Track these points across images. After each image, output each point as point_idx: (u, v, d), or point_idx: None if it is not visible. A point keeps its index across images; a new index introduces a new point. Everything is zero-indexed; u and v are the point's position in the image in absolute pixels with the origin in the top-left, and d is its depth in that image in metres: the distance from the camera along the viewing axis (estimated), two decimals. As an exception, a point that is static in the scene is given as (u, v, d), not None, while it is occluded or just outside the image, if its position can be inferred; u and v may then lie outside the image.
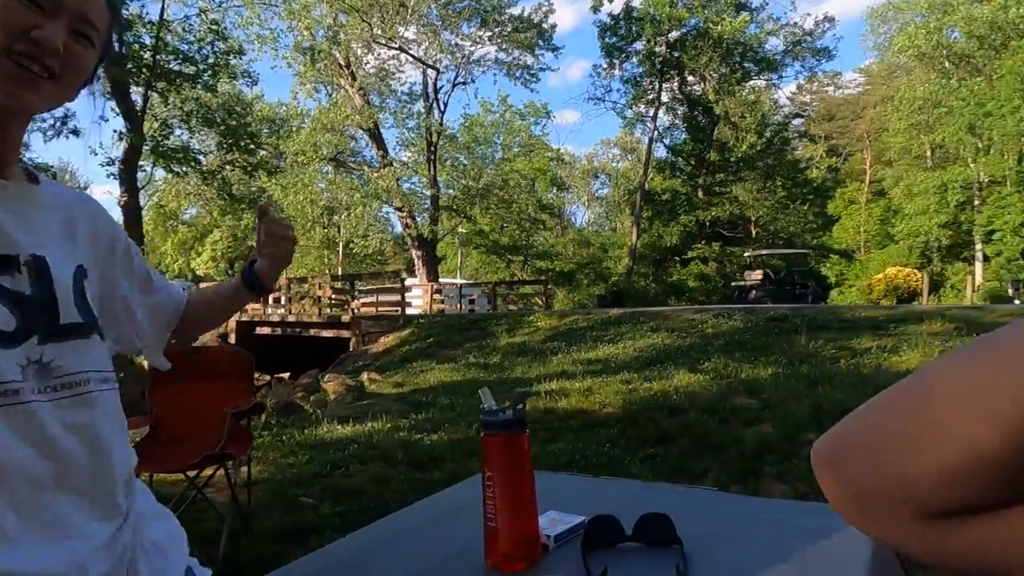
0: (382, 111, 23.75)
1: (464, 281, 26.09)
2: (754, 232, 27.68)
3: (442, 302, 20.16)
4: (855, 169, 39.62)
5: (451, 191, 24.83)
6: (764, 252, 21.20)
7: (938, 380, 0.38)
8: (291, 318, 16.23)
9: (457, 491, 1.39)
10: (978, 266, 31.20)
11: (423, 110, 24.16)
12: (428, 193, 23.58)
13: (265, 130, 22.86)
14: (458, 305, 19.83)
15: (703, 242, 25.77)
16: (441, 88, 24.80)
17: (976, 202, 31.33)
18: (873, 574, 0.89)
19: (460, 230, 26.99)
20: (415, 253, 23.32)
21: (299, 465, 4.68)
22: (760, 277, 18.81)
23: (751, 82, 26.46)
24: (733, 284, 20.38)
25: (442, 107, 24.67)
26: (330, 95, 23.42)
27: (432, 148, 23.52)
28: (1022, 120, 28.73)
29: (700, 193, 26.17)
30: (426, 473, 4.34)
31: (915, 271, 17.86)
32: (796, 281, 18.91)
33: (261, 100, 24.44)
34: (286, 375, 13.03)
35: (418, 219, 23.11)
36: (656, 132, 27.05)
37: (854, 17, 59.41)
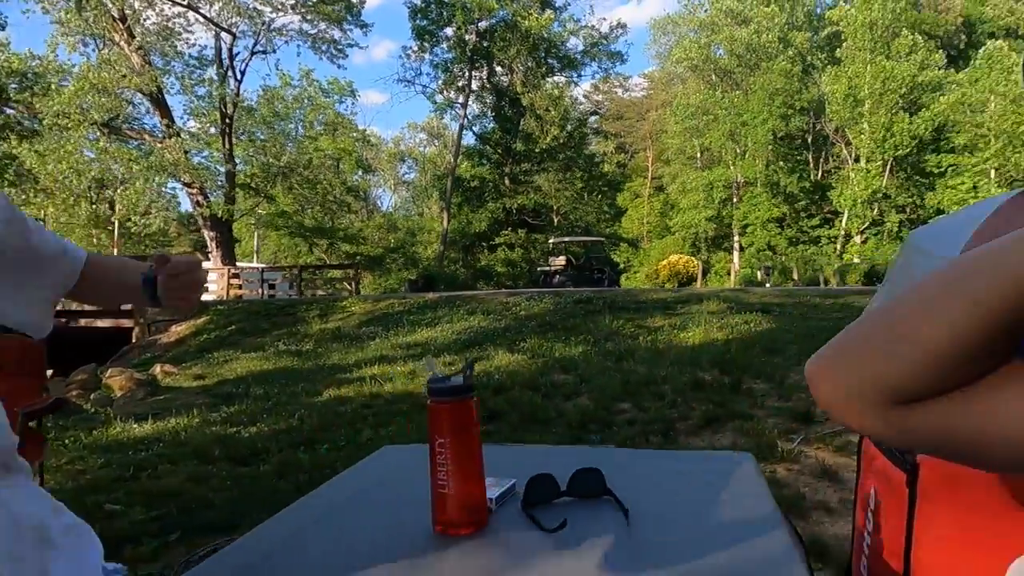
0: (166, 75, 21.27)
1: (263, 265, 24.45)
2: (556, 220, 29.42)
3: (240, 287, 18.77)
4: (640, 166, 43.71)
5: (249, 168, 23.06)
6: (566, 239, 22.65)
7: (906, 295, 0.50)
8: (57, 306, 14.00)
9: (370, 465, 1.34)
10: (735, 255, 36.22)
11: (216, 77, 22.07)
12: (223, 169, 21.65)
13: (13, 85, 19.32)
14: (259, 291, 18.60)
15: (510, 229, 26.82)
16: (238, 55, 22.84)
17: (734, 199, 36.26)
18: (772, 504, 1.03)
19: (259, 211, 25.18)
20: (208, 234, 21.32)
21: (93, 470, 4.10)
22: (563, 263, 20.10)
23: (554, 77, 28.01)
24: (539, 269, 21.51)
25: (238, 76, 22.75)
26: (100, 51, 20.41)
27: (227, 120, 21.60)
28: (770, 131, 33.81)
29: (507, 181, 27.16)
30: (251, 467, 4.04)
31: (692, 258, 20.34)
32: (594, 267, 20.51)
33: (6, 49, 20.58)
34: (49, 372, 11.25)
35: (211, 197, 21.14)
36: (466, 119, 27.54)
37: (641, 26, 65.31)
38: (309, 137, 24.31)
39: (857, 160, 32.57)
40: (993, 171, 28.21)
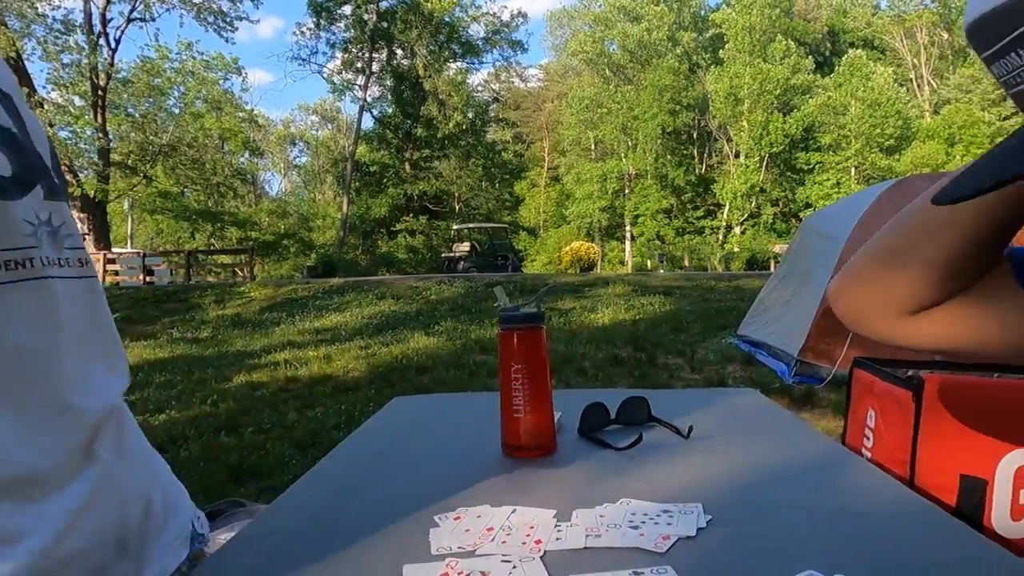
0: (25, 38, 19.19)
1: (137, 250, 22.72)
2: (457, 207, 29.34)
3: (116, 273, 17.39)
4: (537, 156, 44.38)
5: (125, 145, 21.30)
6: (469, 226, 22.68)
7: (905, 221, 0.64)
8: None
9: (386, 416, 1.32)
10: (628, 244, 37.70)
11: (85, 45, 20.16)
12: (95, 145, 19.87)
13: None
14: (139, 277, 17.30)
15: (411, 215, 26.45)
16: (111, 21, 20.97)
17: (626, 191, 37.67)
18: (786, 423, 1.13)
19: (136, 191, 23.35)
20: (78, 216, 19.51)
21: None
22: (467, 249, 20.13)
23: (456, 63, 27.82)
24: (443, 256, 21.42)
25: (112, 44, 20.90)
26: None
27: (99, 92, 19.83)
28: (659, 125, 35.38)
29: (408, 167, 26.74)
30: (169, 454, 3.80)
31: (593, 245, 21.03)
32: (498, 253, 20.70)
33: None
34: None
35: (82, 176, 19.36)
36: (366, 102, 26.79)
37: (538, 17, 66.04)
38: (192, 114, 22.77)
39: (737, 156, 34.79)
40: (853, 169, 31.03)
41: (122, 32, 21.21)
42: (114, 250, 20.58)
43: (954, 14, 35.37)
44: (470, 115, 28.12)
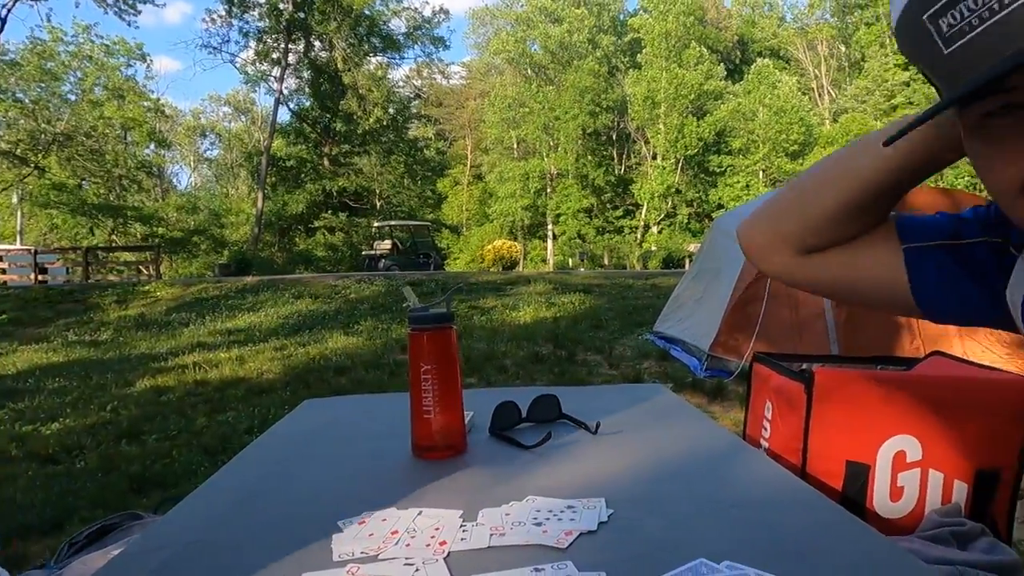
0: None
1: (28, 247, 21.11)
2: (378, 204, 28.80)
3: (3, 272, 16.13)
4: (459, 154, 44.24)
5: (13, 133, 19.72)
6: (391, 223, 22.31)
7: (810, 172, 0.75)
8: None
9: (297, 417, 1.28)
10: (550, 242, 38.19)
11: (-35, 23, 18.50)
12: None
13: None
14: (30, 276, 16.10)
15: (330, 212, 25.75)
16: (-5, -2, 19.31)
17: (548, 190, 38.14)
18: (686, 412, 1.18)
19: (26, 183, 21.66)
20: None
21: None
22: (389, 247, 19.81)
23: (376, 57, 27.27)
24: (364, 253, 20.98)
25: (-2, 23, 19.26)
26: None
27: (-17, 74, 18.28)
28: (579, 126, 36.01)
29: (326, 162, 26.00)
30: (64, 465, 3.55)
31: (516, 243, 21.14)
32: (420, 251, 20.49)
33: None
34: None
35: (-38, 165, 17.79)
36: (282, 94, 25.83)
37: (460, 14, 65.69)
38: (91, 102, 21.36)
39: (655, 158, 35.89)
40: (761, 172, 32.63)
41: (8, 10, 19.60)
42: (0, 247, 19.03)
43: (851, 29, 37.81)
44: (391, 111, 27.66)
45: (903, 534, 1.16)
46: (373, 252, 19.80)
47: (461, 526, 0.70)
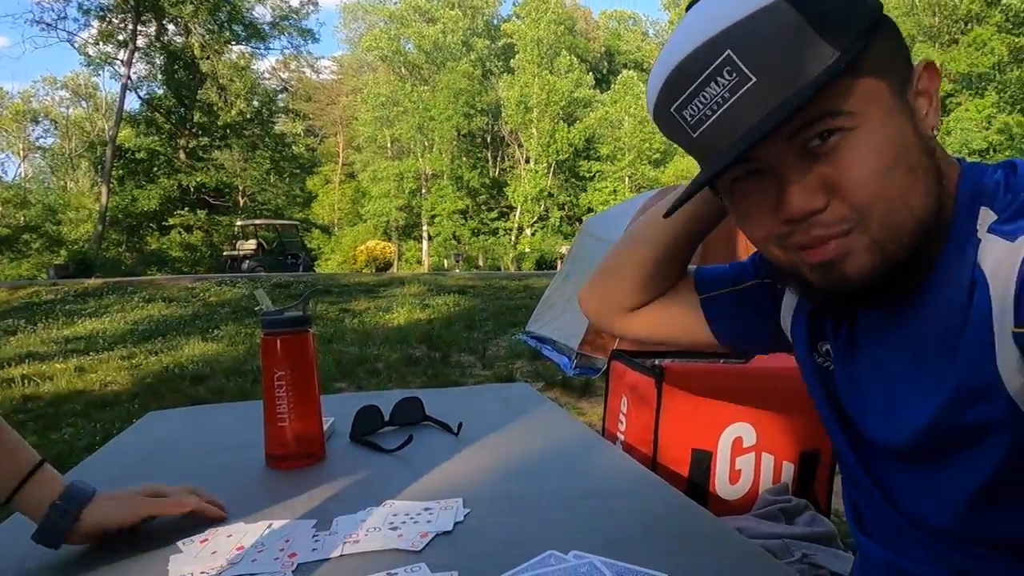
0: None
1: None
2: (242, 202, 27.17)
3: None
4: (331, 151, 42.88)
5: None
6: (256, 222, 21.10)
7: (619, 243, 0.87)
8: None
9: (142, 428, 1.19)
10: (425, 243, 37.95)
11: None
12: None
13: None
14: None
15: (187, 209, 23.91)
16: None
17: (423, 191, 37.90)
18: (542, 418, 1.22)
19: None
20: None
21: None
22: (254, 247, 18.75)
23: (239, 47, 25.69)
24: (225, 254, 19.71)
25: None
26: None
27: None
28: (454, 127, 36.09)
29: (182, 155, 24.12)
30: None
31: (389, 244, 20.74)
32: (288, 251, 19.57)
33: None
34: None
35: None
36: (130, 80, 23.62)
37: (331, 7, 63.54)
38: None
39: (528, 161, 36.73)
40: (627, 178, 34.36)
41: None
42: None
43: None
44: (256, 103, 26.20)
45: (740, 513, 1.27)
46: (236, 252, 18.67)
47: (314, 536, 0.68)
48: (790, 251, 0.56)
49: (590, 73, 38.33)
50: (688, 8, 0.56)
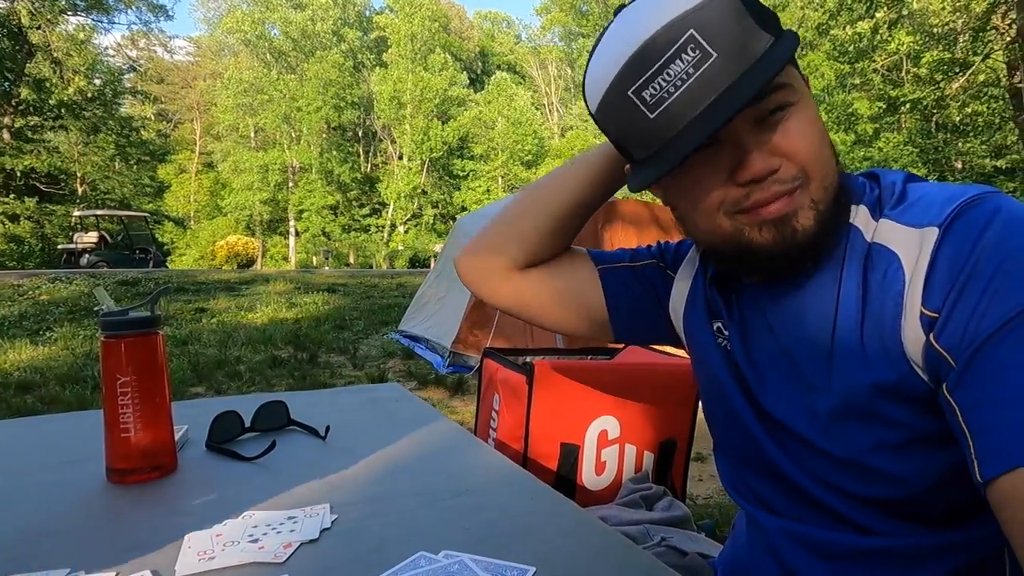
0: None
1: None
2: (81, 190, 24.45)
3: None
4: (186, 138, 39.87)
5: None
6: (98, 213, 19.08)
7: (517, 199, 0.90)
8: None
9: None
10: (292, 239, 36.32)
11: None
12: None
13: None
14: None
15: (12, 196, 21.14)
16: None
17: (290, 184, 36.25)
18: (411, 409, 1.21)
19: None
20: None
21: None
22: (95, 240, 16.95)
23: (77, 18, 23.07)
24: (61, 247, 17.69)
25: None
26: None
27: None
28: (323, 119, 34.81)
29: (6, 135, 21.28)
30: None
31: (253, 240, 19.57)
32: (136, 245, 17.91)
33: None
34: None
35: None
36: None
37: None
38: None
39: (401, 158, 36.21)
40: (500, 178, 34.85)
41: None
42: None
43: (575, 54, 42.22)
44: (98, 82, 23.72)
45: (606, 502, 1.33)
46: (73, 246, 16.83)
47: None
48: (738, 217, 0.61)
49: (464, 72, 38.46)
50: (618, 11, 0.62)
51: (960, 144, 23.69)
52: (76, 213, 19.35)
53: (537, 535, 0.68)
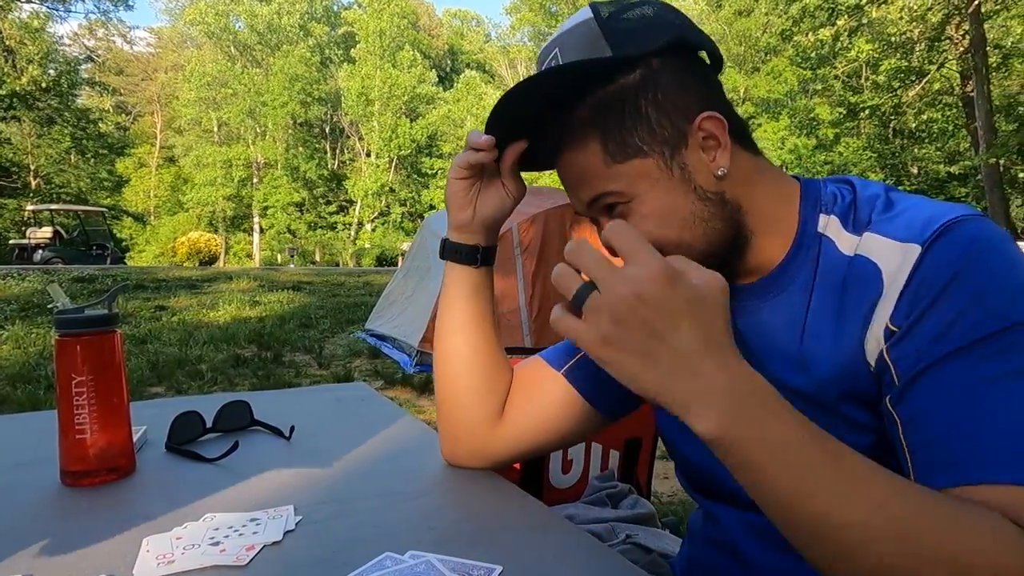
0: None
1: None
2: (35, 184, 23.64)
3: None
4: (147, 132, 38.90)
5: None
6: (53, 207, 18.45)
7: (436, 357, 0.86)
8: None
9: None
10: (256, 236, 35.71)
11: None
12: None
13: None
14: None
15: (-40, 189, 20.42)
16: None
17: (255, 180, 35.63)
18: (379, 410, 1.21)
19: None
20: None
21: None
22: (49, 235, 16.41)
23: (31, 5, 22.29)
24: (12, 243, 17.08)
25: None
26: None
27: None
28: (289, 114, 34.29)
29: (-46, 126, 20.52)
30: None
31: (215, 236, 19.11)
32: (92, 241, 17.38)
33: None
34: None
35: None
36: None
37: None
38: None
39: (369, 155, 35.88)
40: (469, 177, 34.81)
41: None
42: None
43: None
44: (53, 72, 22.96)
45: (572, 500, 1.34)
46: (26, 241, 16.29)
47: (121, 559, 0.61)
48: None
49: (433, 70, 38.27)
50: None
51: (916, 150, 24.46)
52: (29, 207, 18.71)
53: (504, 534, 0.68)
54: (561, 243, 5.10)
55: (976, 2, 14.03)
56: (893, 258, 0.58)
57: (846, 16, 16.22)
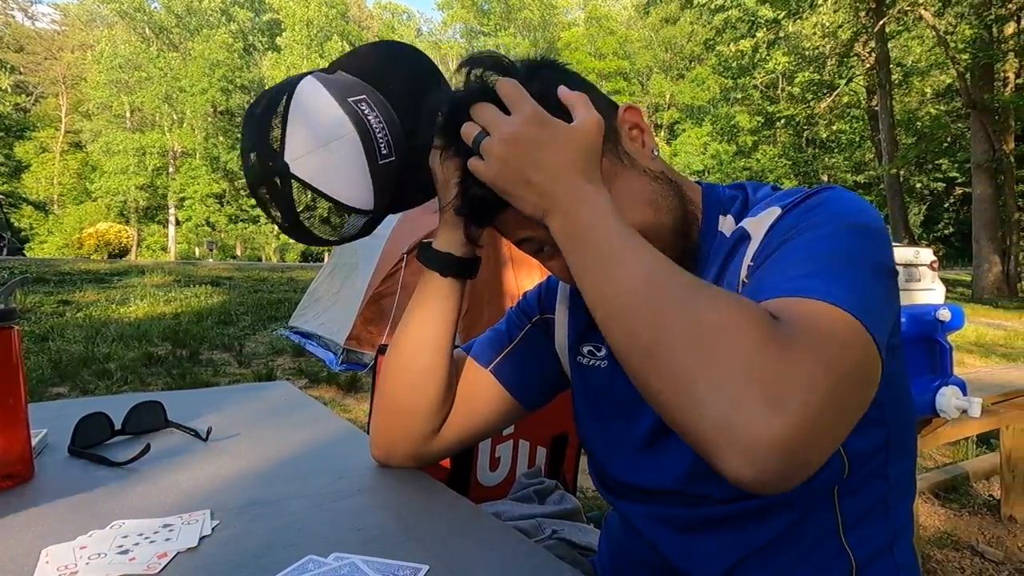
0: None
1: None
2: (-81, 166, 21.66)
3: None
4: (50, 114, 36.42)
5: None
6: (-61, 192, 17.03)
7: (390, 364, 0.85)
8: None
9: None
10: (171, 228, 34.05)
11: None
12: None
13: None
14: None
15: None
16: None
17: (171, 169, 33.97)
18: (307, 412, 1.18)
19: None
20: None
21: None
22: (-65, 223, 15.14)
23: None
24: None
25: None
26: None
27: None
28: (209, 102, 32.84)
29: None
30: None
31: (127, 228, 18.05)
32: (-13, 231, 16.17)
33: None
34: None
35: None
36: None
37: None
38: None
39: (294, 147, 34.84)
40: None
41: None
42: None
43: (476, 50, 42.29)
44: (-58, 46, 21.12)
45: (499, 498, 1.34)
46: (-91, 229, 14.96)
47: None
48: None
49: (363, 63, 37.52)
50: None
51: (826, 159, 25.91)
52: (-87, 192, 17.17)
53: (430, 533, 0.68)
54: (491, 278, 5.11)
55: (881, 22, 14.98)
56: (762, 223, 0.66)
57: (765, 29, 16.99)
